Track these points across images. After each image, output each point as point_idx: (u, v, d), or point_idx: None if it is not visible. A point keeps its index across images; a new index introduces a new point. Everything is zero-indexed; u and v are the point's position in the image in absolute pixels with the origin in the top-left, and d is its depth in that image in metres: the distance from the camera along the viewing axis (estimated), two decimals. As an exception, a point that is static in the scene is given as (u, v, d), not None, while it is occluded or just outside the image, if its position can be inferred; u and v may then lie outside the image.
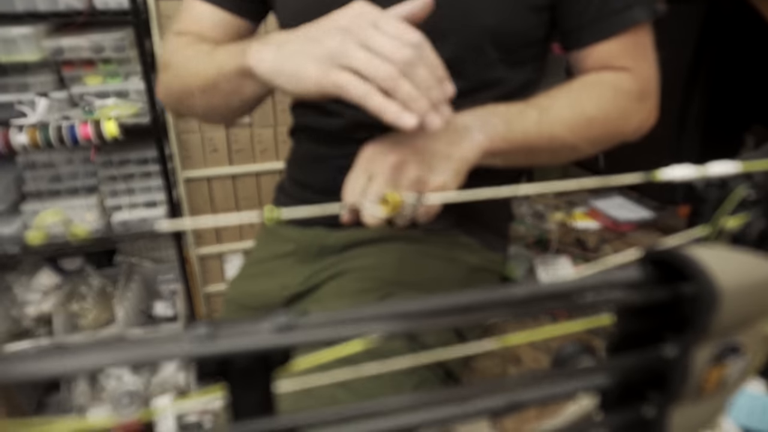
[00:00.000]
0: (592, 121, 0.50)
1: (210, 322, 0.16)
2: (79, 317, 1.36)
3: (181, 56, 0.53)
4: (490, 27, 0.50)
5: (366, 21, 0.37)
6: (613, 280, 0.19)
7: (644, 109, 0.54)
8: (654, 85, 0.55)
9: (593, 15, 0.51)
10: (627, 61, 0.53)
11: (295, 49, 0.39)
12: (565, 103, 0.49)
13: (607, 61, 0.53)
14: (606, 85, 0.52)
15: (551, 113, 0.48)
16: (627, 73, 0.53)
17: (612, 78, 0.53)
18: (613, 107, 0.51)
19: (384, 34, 0.36)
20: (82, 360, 0.14)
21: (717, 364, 0.19)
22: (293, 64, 0.39)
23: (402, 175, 0.40)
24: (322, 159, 0.58)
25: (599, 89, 0.52)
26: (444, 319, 0.16)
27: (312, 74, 0.38)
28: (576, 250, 0.83)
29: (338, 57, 0.37)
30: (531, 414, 0.49)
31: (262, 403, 0.15)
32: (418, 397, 0.17)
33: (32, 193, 1.31)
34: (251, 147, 1.42)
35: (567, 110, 0.49)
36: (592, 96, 0.51)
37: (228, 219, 0.29)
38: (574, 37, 0.54)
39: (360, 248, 0.57)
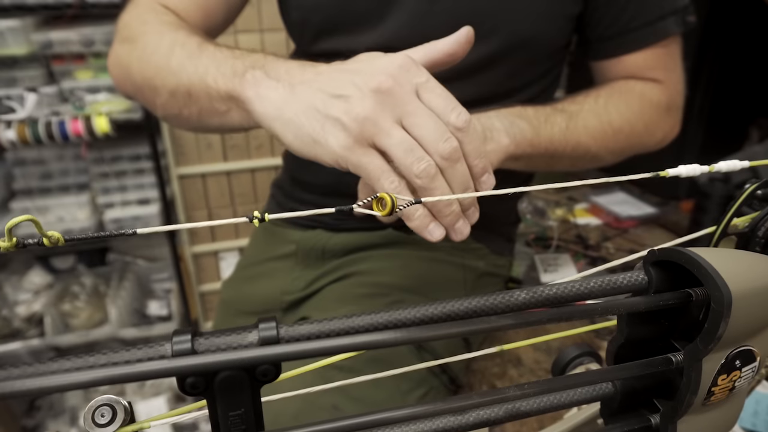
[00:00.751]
0: (617, 132, 0.49)
1: (195, 331, 0.15)
2: (71, 317, 1.34)
3: (152, 38, 0.44)
4: (522, 34, 0.48)
5: (410, 84, 0.30)
6: (619, 284, 0.18)
7: (669, 122, 0.54)
8: (681, 98, 0.54)
9: (626, 25, 0.50)
10: (657, 72, 0.52)
11: (313, 101, 0.31)
12: (593, 110, 0.48)
13: (636, 71, 0.52)
14: (635, 95, 0.51)
15: (578, 120, 0.47)
16: (657, 84, 0.52)
17: (641, 88, 0.52)
18: (640, 119, 0.50)
19: (427, 112, 0.30)
20: (56, 380, 0.13)
21: (727, 372, 0.18)
22: (307, 122, 0.31)
23: None
24: None
25: (627, 99, 0.50)
26: (443, 329, 0.15)
27: (332, 146, 0.30)
28: (577, 247, 0.82)
29: (370, 132, 0.30)
30: (532, 418, 0.48)
31: (247, 419, 0.14)
32: (417, 408, 0.16)
33: (22, 190, 1.29)
34: (246, 143, 1.40)
35: (594, 119, 0.48)
36: (620, 106, 0.49)
37: (216, 222, 0.28)
38: (603, 47, 0.53)
39: (363, 252, 0.55)
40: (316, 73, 0.33)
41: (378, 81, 0.30)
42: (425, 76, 0.31)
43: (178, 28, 0.45)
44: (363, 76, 0.31)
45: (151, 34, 0.45)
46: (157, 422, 0.16)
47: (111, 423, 0.15)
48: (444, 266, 0.54)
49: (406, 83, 0.30)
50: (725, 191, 0.72)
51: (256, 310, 0.60)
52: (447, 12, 0.46)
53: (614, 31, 0.52)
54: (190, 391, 0.14)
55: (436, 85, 0.31)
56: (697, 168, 0.21)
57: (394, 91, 0.30)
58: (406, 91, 0.30)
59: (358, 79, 0.31)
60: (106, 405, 0.15)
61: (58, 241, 0.14)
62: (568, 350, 0.27)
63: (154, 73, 0.43)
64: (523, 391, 0.17)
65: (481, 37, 0.48)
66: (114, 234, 0.16)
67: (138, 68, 0.45)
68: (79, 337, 1.31)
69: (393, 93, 0.30)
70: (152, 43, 0.44)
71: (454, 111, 0.31)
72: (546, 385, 0.18)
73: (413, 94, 0.30)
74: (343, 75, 0.32)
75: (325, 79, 0.32)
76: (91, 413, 0.15)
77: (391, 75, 0.30)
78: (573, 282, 0.18)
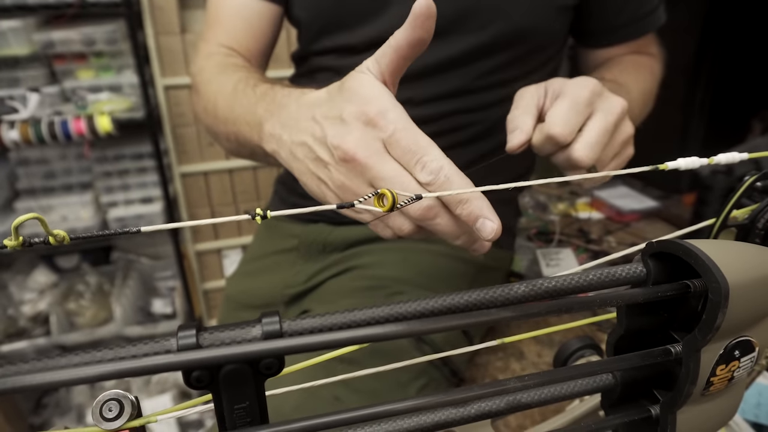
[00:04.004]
0: (642, 103, 0.52)
1: (199, 326, 0.15)
2: (76, 315, 1.35)
3: (206, 89, 0.49)
4: (517, 24, 0.49)
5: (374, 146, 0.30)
6: (618, 276, 0.18)
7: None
8: None
9: (628, 18, 0.55)
10: (652, 48, 0.58)
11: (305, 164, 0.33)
12: (633, 81, 0.51)
13: (637, 49, 0.57)
14: (646, 68, 0.55)
15: (630, 91, 0.49)
16: (655, 58, 0.58)
17: (648, 61, 0.56)
18: (651, 89, 0.54)
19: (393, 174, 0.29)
20: (65, 374, 0.13)
21: (726, 362, 0.18)
22: (309, 182, 0.34)
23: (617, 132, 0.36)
24: None
25: (643, 72, 0.55)
26: (442, 322, 0.16)
27: (329, 199, 0.33)
28: (579, 241, 0.82)
29: (350, 196, 0.31)
30: (535, 410, 0.48)
31: (252, 412, 0.15)
32: (419, 400, 0.16)
33: (26, 190, 1.30)
34: (247, 141, 1.41)
35: (634, 89, 0.50)
36: (639, 77, 0.53)
37: (221, 219, 0.28)
38: (604, 37, 0.57)
39: (365, 246, 0.56)
40: (298, 130, 0.34)
41: (344, 150, 0.30)
42: (390, 129, 0.29)
43: (222, 71, 0.49)
44: (334, 141, 0.31)
45: (204, 84, 0.49)
46: (163, 416, 0.16)
47: (119, 417, 0.15)
48: (444, 259, 0.55)
49: (371, 145, 0.30)
50: (727, 183, 0.72)
51: (259, 304, 0.61)
52: (445, 3, 0.46)
53: (617, 23, 0.55)
54: (195, 385, 0.14)
55: (400, 136, 0.29)
56: (696, 161, 0.21)
57: (358, 159, 0.30)
58: (370, 155, 0.29)
59: (332, 143, 0.31)
60: (113, 399, 0.15)
61: (63, 239, 0.15)
62: (569, 343, 0.28)
63: (212, 123, 0.48)
64: (523, 383, 0.18)
65: (477, 29, 0.48)
66: (119, 232, 0.16)
67: (203, 118, 0.50)
68: (85, 336, 1.32)
69: (357, 161, 0.30)
70: (207, 94, 0.48)
71: (418, 164, 0.29)
72: (546, 377, 0.18)
73: (377, 155, 0.29)
74: (317, 139, 0.32)
75: (308, 142, 0.33)
76: (99, 407, 0.15)
77: (354, 142, 0.30)
78: (572, 274, 0.18)
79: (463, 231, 0.30)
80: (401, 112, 0.30)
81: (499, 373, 0.56)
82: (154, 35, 1.23)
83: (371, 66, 0.31)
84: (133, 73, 1.24)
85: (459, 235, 0.31)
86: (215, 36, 0.54)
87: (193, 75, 0.52)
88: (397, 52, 0.30)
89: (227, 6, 0.54)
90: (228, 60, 0.51)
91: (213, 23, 0.55)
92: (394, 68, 0.31)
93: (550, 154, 0.37)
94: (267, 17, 0.55)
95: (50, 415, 1.32)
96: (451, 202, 0.29)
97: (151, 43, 1.23)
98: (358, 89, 0.31)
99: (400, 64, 0.31)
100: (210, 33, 0.54)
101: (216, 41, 0.53)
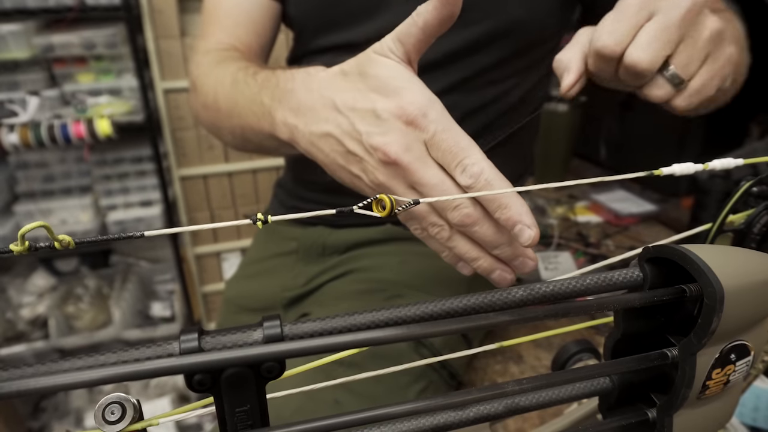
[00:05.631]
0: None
1: (201, 330, 0.15)
2: (75, 319, 1.35)
3: (204, 82, 0.47)
4: (515, 17, 0.48)
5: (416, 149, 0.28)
6: (615, 280, 0.19)
7: None
8: None
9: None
10: None
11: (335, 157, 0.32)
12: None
13: None
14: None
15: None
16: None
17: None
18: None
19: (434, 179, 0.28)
20: (67, 378, 0.14)
21: (722, 366, 0.19)
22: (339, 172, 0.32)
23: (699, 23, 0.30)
24: None
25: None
26: (442, 326, 0.16)
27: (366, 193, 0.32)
28: (578, 245, 0.82)
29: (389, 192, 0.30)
30: (533, 413, 0.48)
31: (253, 415, 0.15)
32: (417, 403, 0.17)
33: (25, 193, 1.30)
34: (246, 144, 1.41)
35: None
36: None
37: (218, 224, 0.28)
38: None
39: (364, 248, 0.56)
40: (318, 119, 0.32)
41: (385, 153, 0.29)
42: (431, 129, 0.28)
43: (219, 63, 0.47)
44: (372, 141, 0.29)
45: (201, 79, 0.48)
46: (165, 419, 0.16)
47: (121, 420, 0.15)
48: (443, 262, 0.55)
49: (414, 148, 0.28)
50: (725, 187, 0.73)
51: (259, 307, 0.61)
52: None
53: None
54: (197, 388, 0.15)
55: (441, 138, 0.28)
56: (691, 166, 0.21)
57: (401, 162, 0.28)
58: (413, 160, 0.28)
59: (369, 143, 0.29)
60: (115, 403, 0.15)
61: (69, 244, 0.15)
62: (567, 346, 0.28)
63: (214, 118, 0.46)
64: (521, 386, 0.18)
65: (475, 21, 0.47)
66: (123, 237, 0.16)
67: (203, 115, 0.48)
68: (83, 339, 1.31)
69: (399, 164, 0.28)
70: (204, 88, 0.46)
71: (459, 167, 0.27)
72: (545, 380, 0.18)
73: (420, 160, 0.28)
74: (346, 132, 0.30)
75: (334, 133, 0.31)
76: (101, 411, 0.15)
77: (396, 145, 0.28)
78: (570, 279, 0.18)
79: (504, 240, 0.29)
80: (440, 108, 0.29)
81: (497, 376, 0.56)
82: (154, 39, 1.24)
83: (394, 47, 0.29)
84: (133, 76, 1.24)
85: (499, 243, 0.30)
86: (213, 33, 0.53)
87: (191, 73, 0.51)
88: (425, 30, 0.28)
89: (225, 3, 0.53)
90: (225, 53, 0.50)
91: (211, 21, 0.54)
92: (420, 49, 0.29)
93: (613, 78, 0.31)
94: (265, 13, 0.54)
95: (49, 418, 1.31)
96: (490, 206, 0.28)
97: (150, 47, 1.24)
98: (387, 79, 0.29)
99: (426, 43, 0.29)
100: (207, 30, 0.53)
101: (214, 38, 0.52)
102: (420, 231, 0.32)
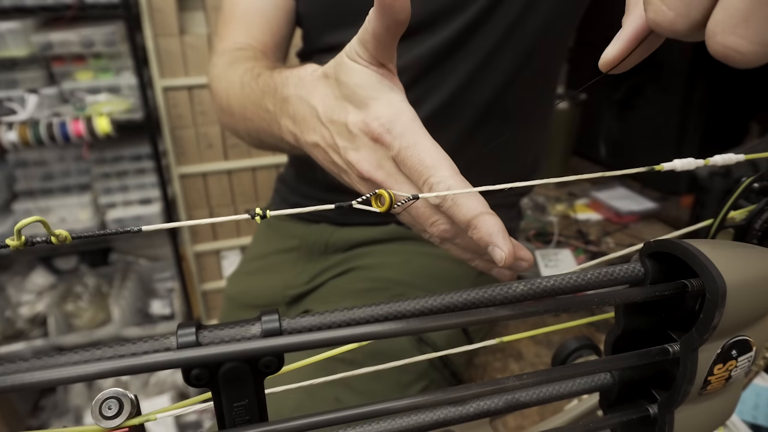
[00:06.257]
0: None
1: (199, 324, 0.15)
2: (75, 317, 1.35)
3: (218, 87, 0.48)
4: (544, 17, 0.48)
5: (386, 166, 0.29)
6: (616, 275, 0.19)
7: None
8: None
9: None
10: None
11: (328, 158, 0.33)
12: None
13: None
14: None
15: None
16: None
17: None
18: None
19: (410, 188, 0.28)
20: (65, 372, 0.13)
21: (723, 361, 0.19)
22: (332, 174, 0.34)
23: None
24: None
25: None
26: (442, 320, 0.16)
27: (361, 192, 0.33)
28: (578, 242, 0.82)
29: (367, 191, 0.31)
30: (533, 410, 0.48)
31: (251, 410, 0.15)
32: (417, 398, 0.17)
33: (24, 191, 1.30)
34: (246, 142, 1.41)
35: None
36: None
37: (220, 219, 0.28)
38: None
39: (366, 247, 0.56)
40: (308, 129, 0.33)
41: (359, 171, 0.30)
42: (396, 146, 0.28)
43: (230, 65, 0.48)
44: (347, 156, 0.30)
45: (216, 82, 0.49)
46: (163, 414, 0.16)
47: (118, 415, 0.15)
48: (446, 261, 0.55)
49: (383, 165, 0.29)
50: (725, 185, 0.73)
51: (260, 303, 0.61)
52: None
53: None
54: (195, 383, 0.14)
55: (405, 156, 0.28)
56: (692, 162, 0.21)
57: (376, 179, 0.29)
58: (384, 177, 0.29)
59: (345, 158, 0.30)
60: (113, 398, 0.15)
61: (66, 239, 0.15)
62: (568, 342, 0.28)
63: (230, 121, 0.47)
64: (522, 382, 0.18)
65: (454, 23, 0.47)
66: (120, 231, 0.16)
67: (221, 118, 0.50)
68: (83, 337, 1.31)
69: (375, 180, 0.29)
70: (219, 91, 0.48)
71: (425, 186, 0.27)
72: (545, 376, 0.18)
73: (392, 177, 0.29)
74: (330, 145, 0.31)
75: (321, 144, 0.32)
76: (98, 406, 0.15)
77: (367, 163, 0.29)
78: (570, 274, 0.18)
79: (480, 253, 0.29)
80: (407, 121, 0.28)
81: (497, 373, 0.56)
82: (153, 37, 1.23)
83: (360, 50, 0.29)
84: (132, 74, 1.24)
85: (474, 258, 0.30)
86: (230, 33, 0.53)
87: (208, 74, 0.52)
88: (376, 38, 0.28)
89: (240, 3, 0.54)
90: (237, 54, 0.50)
91: (228, 20, 0.54)
92: (383, 53, 0.29)
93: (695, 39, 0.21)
94: (280, 12, 0.54)
95: (48, 417, 1.31)
96: (462, 225, 0.27)
97: (149, 45, 1.23)
98: (356, 87, 0.29)
99: (387, 48, 0.28)
100: (225, 30, 0.54)
101: (231, 38, 0.53)
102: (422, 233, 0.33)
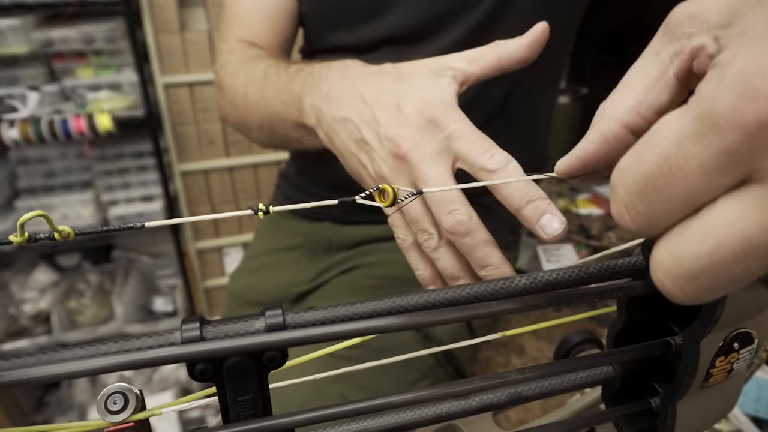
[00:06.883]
0: None
1: (203, 319, 0.15)
2: (78, 314, 1.35)
3: (232, 81, 0.49)
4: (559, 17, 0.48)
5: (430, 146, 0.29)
6: (617, 268, 0.19)
7: None
8: None
9: None
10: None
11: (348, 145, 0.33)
12: None
13: None
14: None
15: None
16: None
17: None
18: None
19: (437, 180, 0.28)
20: (70, 366, 0.13)
21: (725, 354, 0.19)
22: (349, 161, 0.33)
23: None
24: None
25: None
26: (444, 314, 0.16)
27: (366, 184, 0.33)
28: (579, 237, 0.82)
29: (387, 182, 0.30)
30: (536, 404, 0.48)
31: (255, 404, 0.15)
32: (420, 392, 0.17)
33: (26, 189, 1.30)
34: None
35: None
36: None
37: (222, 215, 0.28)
38: None
39: (370, 245, 0.56)
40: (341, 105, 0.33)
41: (396, 145, 0.29)
42: (451, 127, 0.28)
43: (247, 61, 0.48)
44: (388, 132, 0.30)
45: (229, 77, 0.49)
46: (168, 409, 0.16)
47: (123, 410, 0.15)
48: None
49: (424, 145, 0.28)
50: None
51: (263, 301, 0.61)
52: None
53: None
54: (199, 377, 0.15)
55: (466, 130, 0.28)
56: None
57: (409, 157, 0.29)
58: (420, 156, 0.28)
59: (385, 133, 0.30)
60: (118, 393, 0.15)
61: (69, 235, 0.15)
62: (570, 336, 0.28)
63: (242, 114, 0.47)
64: (525, 375, 0.18)
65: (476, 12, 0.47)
66: (123, 227, 0.16)
67: (231, 112, 0.50)
68: (86, 334, 1.32)
69: (407, 159, 0.29)
70: (233, 86, 0.48)
71: (486, 154, 0.26)
72: (547, 369, 0.18)
73: (429, 157, 0.28)
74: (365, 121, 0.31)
75: (353, 119, 0.32)
76: (104, 400, 0.15)
77: (409, 138, 0.29)
78: (572, 267, 0.18)
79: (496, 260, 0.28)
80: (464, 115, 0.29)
81: (500, 368, 0.56)
82: (154, 33, 1.23)
83: (460, 67, 0.30)
84: (133, 71, 1.23)
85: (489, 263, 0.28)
86: (234, 33, 0.53)
87: (217, 72, 0.52)
88: (500, 65, 0.29)
89: (243, 3, 0.54)
90: (251, 51, 0.51)
91: (231, 20, 0.54)
92: (483, 77, 0.30)
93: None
94: (283, 12, 0.54)
95: (52, 413, 1.32)
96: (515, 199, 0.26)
97: (150, 41, 1.23)
98: (422, 85, 0.30)
99: (491, 71, 0.30)
100: (229, 30, 0.54)
101: (236, 38, 0.53)
102: (404, 238, 0.32)
